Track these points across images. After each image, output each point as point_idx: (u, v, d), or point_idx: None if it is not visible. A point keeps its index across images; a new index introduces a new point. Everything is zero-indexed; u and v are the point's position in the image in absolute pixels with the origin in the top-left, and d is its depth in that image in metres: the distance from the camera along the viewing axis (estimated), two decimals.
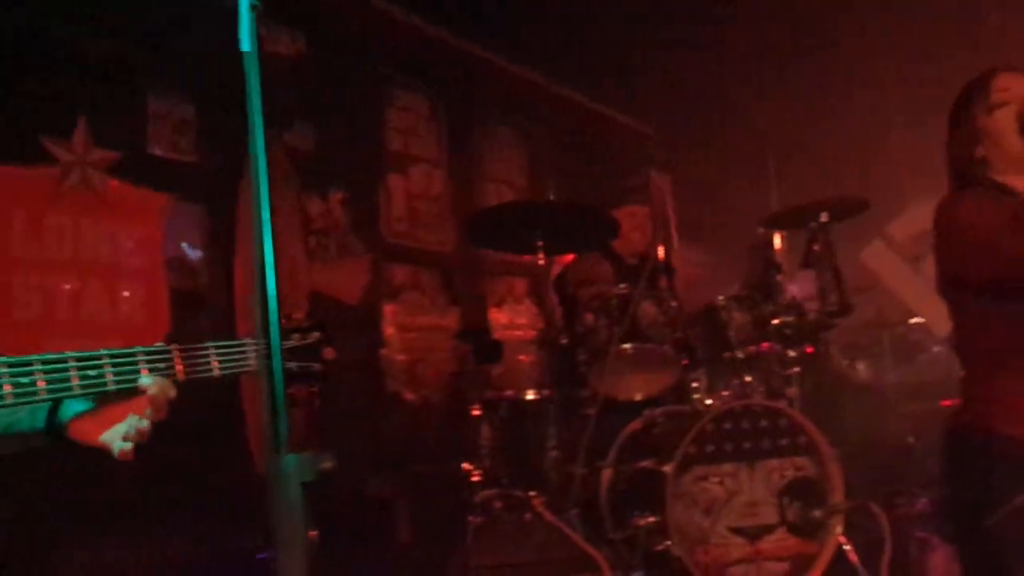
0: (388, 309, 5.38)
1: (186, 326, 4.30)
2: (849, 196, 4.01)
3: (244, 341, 1.80)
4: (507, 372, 5.36)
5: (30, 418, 1.69)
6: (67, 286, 3.91)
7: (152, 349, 1.68)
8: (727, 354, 3.87)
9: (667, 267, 3.94)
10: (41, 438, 1.67)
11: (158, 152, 4.31)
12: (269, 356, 1.29)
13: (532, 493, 3.60)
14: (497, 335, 5.51)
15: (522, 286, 6.51)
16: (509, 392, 4.03)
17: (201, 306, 4.46)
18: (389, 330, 5.35)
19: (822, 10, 5.91)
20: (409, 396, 5.39)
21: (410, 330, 5.48)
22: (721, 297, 3.89)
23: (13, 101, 3.76)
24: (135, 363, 1.65)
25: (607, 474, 3.73)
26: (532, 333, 6.33)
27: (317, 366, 1.87)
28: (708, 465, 3.48)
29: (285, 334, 1.85)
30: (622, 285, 3.83)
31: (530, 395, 3.97)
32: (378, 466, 5.02)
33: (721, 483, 3.49)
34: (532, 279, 6.48)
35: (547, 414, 3.86)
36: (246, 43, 1.43)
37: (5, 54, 3.76)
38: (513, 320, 6.40)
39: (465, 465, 3.92)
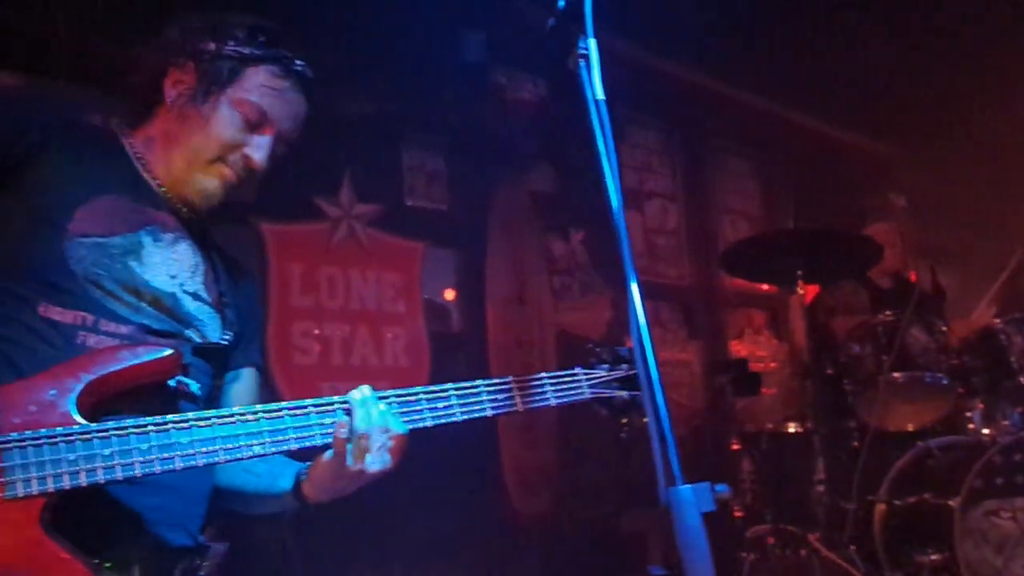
0: (630, 345, 5.39)
1: (445, 366, 4.48)
2: None
3: (575, 371, 1.85)
4: (750, 404, 5.24)
5: (270, 480, 1.76)
6: (339, 333, 4.18)
7: (494, 382, 1.76)
8: (1007, 381, 3.63)
9: (934, 290, 3.75)
10: (288, 500, 1.73)
11: (413, 202, 4.55)
12: (651, 390, 1.32)
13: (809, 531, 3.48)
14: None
15: (761, 317, 6.38)
16: (769, 425, 3.94)
17: (458, 346, 4.64)
18: None
19: None
20: None
21: None
22: (999, 320, 3.66)
23: (288, 165, 4.09)
24: (480, 395, 1.73)
25: (880, 509, 3.56)
26: (773, 365, 6.18)
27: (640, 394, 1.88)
28: (999, 499, 3.26)
29: (602, 364, 1.89)
30: (887, 312, 3.67)
31: (791, 427, 3.87)
32: (630, 501, 5.03)
33: (1014, 518, 3.26)
34: (771, 310, 6.33)
35: (811, 447, 3.74)
36: (599, 92, 1.49)
37: None
38: (753, 352, 6.26)
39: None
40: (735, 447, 3.93)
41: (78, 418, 1.43)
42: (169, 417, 1.49)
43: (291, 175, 4.02)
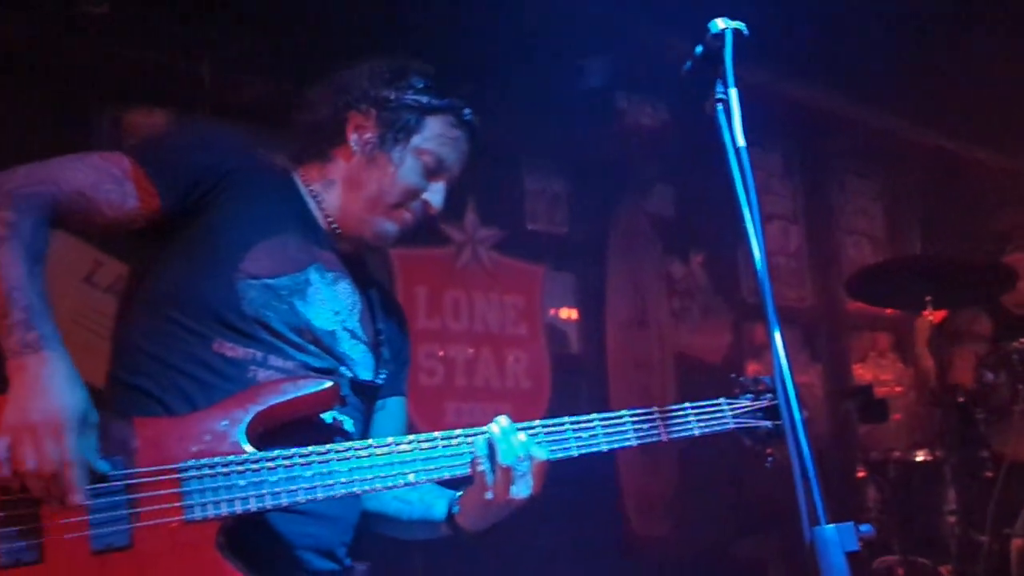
0: (751, 368, 5.36)
1: (565, 388, 4.55)
2: None
3: (719, 402, 1.88)
4: (875, 430, 5.14)
5: (424, 509, 1.82)
6: (463, 355, 4.29)
7: (638, 412, 1.79)
8: None
9: None
10: (443, 528, 1.80)
11: (534, 226, 4.64)
12: (794, 429, 1.35)
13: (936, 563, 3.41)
14: None
15: (885, 340, 6.24)
16: (896, 452, 3.87)
17: (578, 368, 4.71)
18: None
19: None
20: (776, 456, 5.30)
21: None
22: None
23: None
24: (624, 425, 1.78)
25: (1017, 544, 3.46)
26: (899, 389, 6.03)
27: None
28: None
29: (745, 394, 1.92)
30: (1022, 340, 3.57)
31: (920, 455, 3.79)
32: (745, 528, 4.98)
33: None
34: (896, 332, 6.18)
35: (942, 476, 3.66)
36: (740, 139, 1.52)
37: None
38: (878, 375, 6.13)
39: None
40: (860, 474, 3.87)
41: (247, 447, 1.54)
42: (330, 447, 1.59)
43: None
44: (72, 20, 3.41)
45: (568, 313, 4.81)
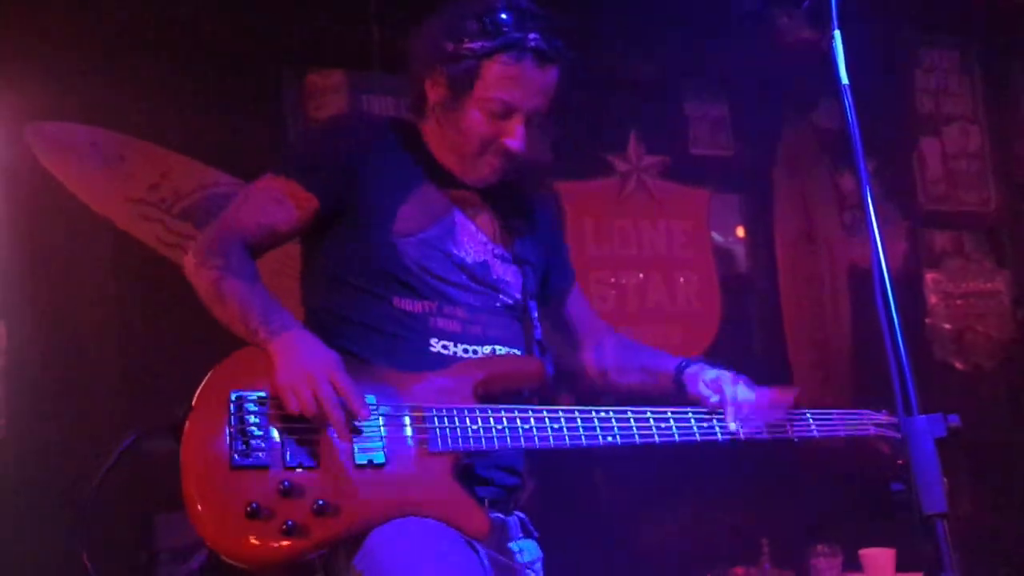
0: (930, 277, 5.27)
1: (736, 308, 4.66)
2: None
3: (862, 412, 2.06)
4: None
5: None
6: (633, 280, 4.47)
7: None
8: None
9: None
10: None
11: (698, 151, 4.71)
12: (889, 323, 1.50)
13: None
14: None
15: None
16: None
17: (748, 290, 4.79)
18: (932, 299, 5.24)
19: None
20: (959, 365, 5.23)
21: (955, 297, 5.31)
22: None
23: (579, 126, 4.40)
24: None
25: None
26: None
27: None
28: None
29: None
30: None
31: None
32: None
33: None
34: None
35: None
36: (844, 77, 1.65)
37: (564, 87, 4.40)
38: None
39: None
40: None
41: (475, 403, 1.87)
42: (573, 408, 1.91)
43: (583, 136, 4.37)
44: None
45: (736, 234, 4.88)
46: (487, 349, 1.96)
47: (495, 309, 2.01)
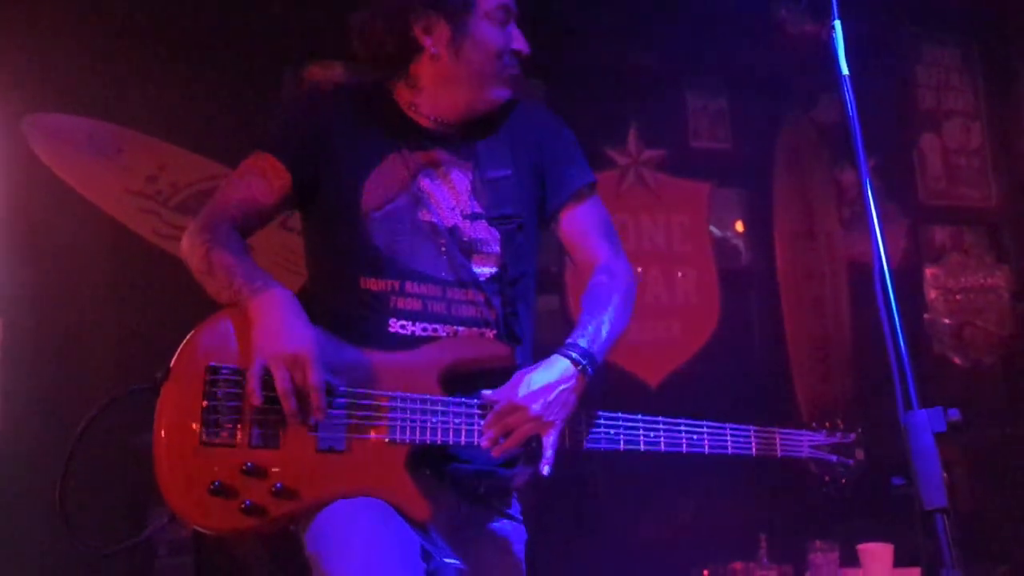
0: (930, 272, 5.26)
1: (735, 302, 4.64)
2: None
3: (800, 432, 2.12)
4: None
5: None
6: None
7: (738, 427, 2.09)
8: None
9: None
10: None
11: (698, 145, 4.70)
12: (888, 318, 1.50)
13: None
14: None
15: None
16: None
17: (748, 284, 4.78)
18: (932, 294, 5.24)
19: None
20: (958, 361, 5.23)
21: (955, 292, 5.30)
22: None
23: (574, 118, 4.37)
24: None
25: None
26: None
27: (851, 463, 2.16)
28: None
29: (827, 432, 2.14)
30: None
31: None
32: None
33: None
34: None
35: None
36: (844, 67, 1.64)
37: (563, 80, 4.40)
38: None
39: None
40: None
41: (438, 389, 1.87)
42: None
43: (581, 129, 4.35)
44: None
45: (735, 228, 4.87)
46: (450, 328, 1.94)
47: (468, 281, 1.96)
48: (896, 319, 1.47)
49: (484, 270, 1.99)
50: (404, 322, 1.92)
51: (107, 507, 3.12)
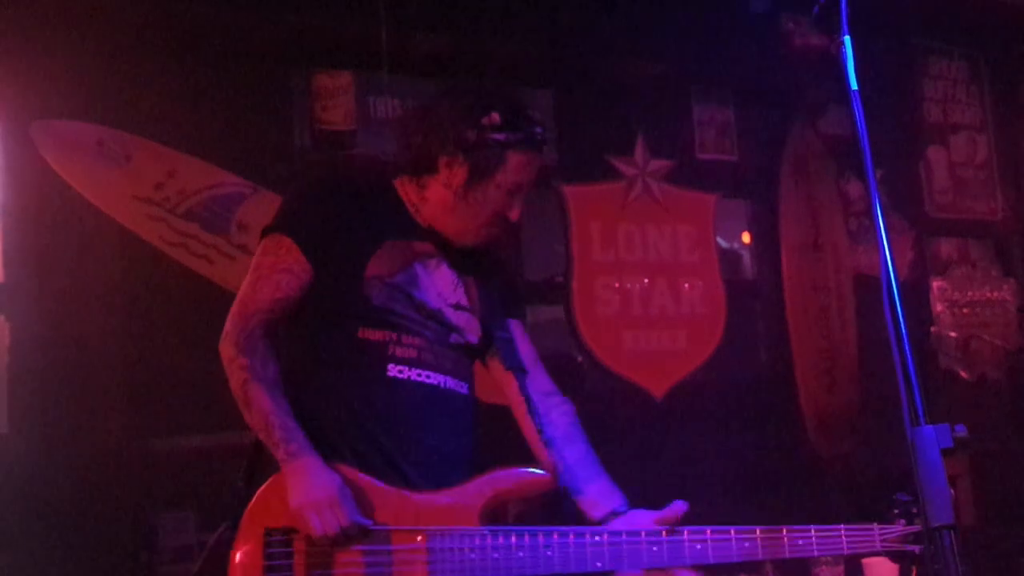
0: (936, 285, 5.26)
1: (741, 314, 4.64)
2: None
3: (871, 526, 2.07)
4: None
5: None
6: (638, 284, 4.45)
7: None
8: None
9: None
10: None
11: (704, 156, 4.71)
12: (896, 331, 1.49)
13: None
14: None
15: None
16: None
17: (754, 296, 4.78)
18: (938, 307, 5.23)
19: None
20: (964, 374, 5.22)
21: (961, 306, 5.30)
22: None
23: (582, 128, 4.40)
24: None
25: None
26: None
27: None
28: None
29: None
30: None
31: None
32: None
33: None
34: None
35: None
36: (854, 82, 1.64)
37: (571, 90, 4.41)
38: None
39: None
40: None
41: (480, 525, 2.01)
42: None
43: (589, 139, 4.37)
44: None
45: (742, 239, 4.87)
46: (440, 377, 2.13)
47: (449, 343, 2.18)
48: (904, 334, 1.46)
49: (461, 341, 2.21)
50: (402, 367, 2.10)
51: (112, 511, 3.13)
